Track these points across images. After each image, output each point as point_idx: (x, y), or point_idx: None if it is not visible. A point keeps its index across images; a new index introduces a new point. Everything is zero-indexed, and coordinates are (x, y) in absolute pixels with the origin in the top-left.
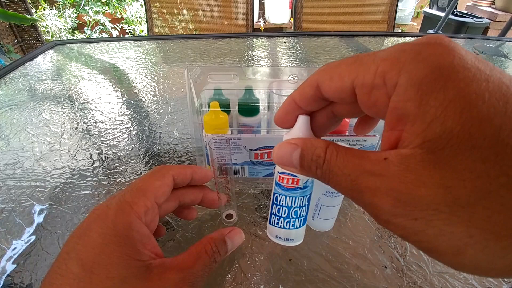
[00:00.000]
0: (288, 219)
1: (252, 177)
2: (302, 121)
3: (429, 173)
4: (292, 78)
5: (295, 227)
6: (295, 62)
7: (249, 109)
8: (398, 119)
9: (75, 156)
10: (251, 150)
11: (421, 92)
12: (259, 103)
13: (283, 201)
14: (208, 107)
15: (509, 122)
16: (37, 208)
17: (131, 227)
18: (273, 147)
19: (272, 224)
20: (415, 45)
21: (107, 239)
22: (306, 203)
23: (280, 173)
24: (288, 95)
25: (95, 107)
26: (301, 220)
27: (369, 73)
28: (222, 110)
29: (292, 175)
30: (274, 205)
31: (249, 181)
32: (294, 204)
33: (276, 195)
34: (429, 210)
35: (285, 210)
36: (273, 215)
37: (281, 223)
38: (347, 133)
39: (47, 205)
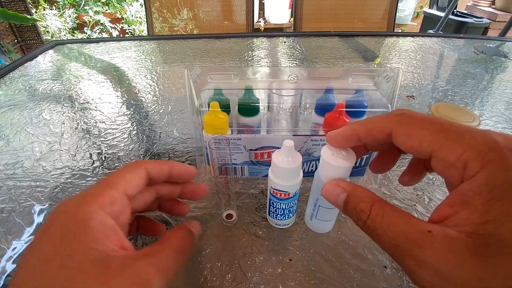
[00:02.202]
0: (283, 215)
1: (252, 177)
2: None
3: (470, 261)
4: (292, 78)
5: (289, 217)
6: (295, 62)
7: (249, 109)
8: (461, 202)
9: (75, 156)
10: (251, 150)
11: (492, 195)
12: (259, 103)
13: (278, 205)
14: (208, 107)
15: None
16: (37, 208)
17: (91, 217)
18: (273, 147)
19: (271, 216)
20: (503, 150)
21: (66, 230)
22: (296, 202)
23: (273, 188)
24: (351, 124)
25: (95, 107)
26: (293, 212)
27: (453, 154)
28: (222, 110)
29: (284, 191)
30: (271, 207)
31: (249, 181)
32: (287, 207)
33: (272, 201)
34: None
35: (280, 210)
36: (271, 212)
37: (278, 217)
38: None
39: (47, 205)
